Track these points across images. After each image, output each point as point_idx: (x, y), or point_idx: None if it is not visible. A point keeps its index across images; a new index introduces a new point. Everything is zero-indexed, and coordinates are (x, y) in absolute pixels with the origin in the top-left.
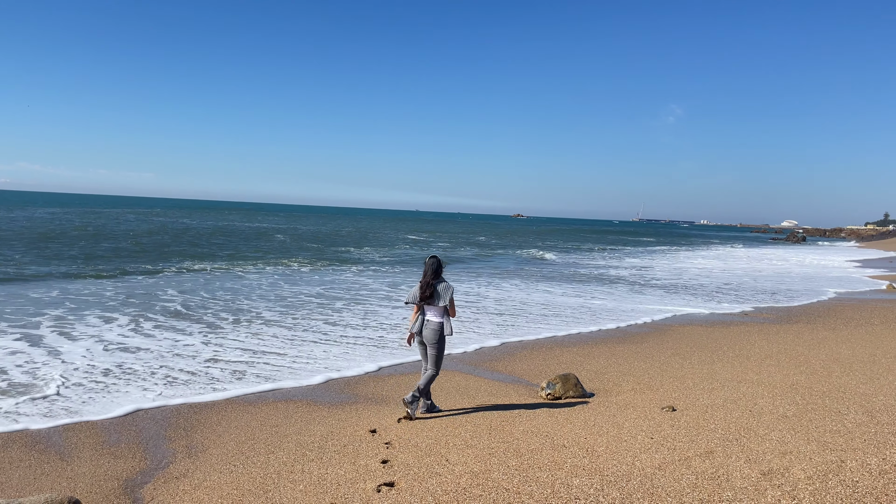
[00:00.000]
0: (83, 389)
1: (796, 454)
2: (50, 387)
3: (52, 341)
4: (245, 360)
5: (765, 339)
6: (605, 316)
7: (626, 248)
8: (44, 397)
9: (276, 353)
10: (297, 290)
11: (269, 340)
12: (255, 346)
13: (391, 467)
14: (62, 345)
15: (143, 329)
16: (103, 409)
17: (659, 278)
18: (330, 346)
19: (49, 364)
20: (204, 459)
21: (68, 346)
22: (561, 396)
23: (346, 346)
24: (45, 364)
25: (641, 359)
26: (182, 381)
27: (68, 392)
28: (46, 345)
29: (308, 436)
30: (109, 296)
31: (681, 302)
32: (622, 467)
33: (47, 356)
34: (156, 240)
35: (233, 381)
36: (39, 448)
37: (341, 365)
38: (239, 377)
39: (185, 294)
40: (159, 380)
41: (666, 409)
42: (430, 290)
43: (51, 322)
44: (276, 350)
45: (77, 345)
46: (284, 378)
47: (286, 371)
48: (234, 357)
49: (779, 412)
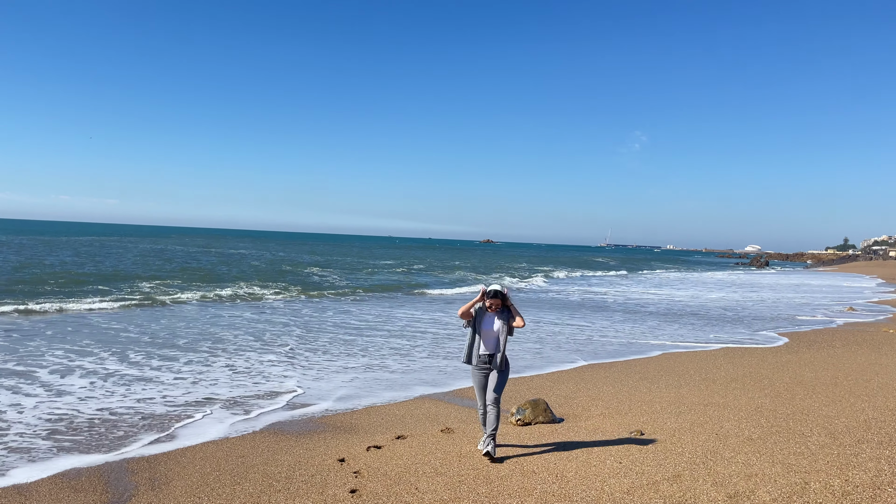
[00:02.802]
0: (40, 424)
1: (761, 476)
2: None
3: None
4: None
5: (730, 362)
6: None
7: (619, 273)
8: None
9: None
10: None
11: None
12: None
13: (360, 497)
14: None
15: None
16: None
17: (651, 302)
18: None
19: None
20: (168, 492)
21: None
22: (531, 422)
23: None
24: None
25: (610, 383)
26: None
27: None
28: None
29: (275, 466)
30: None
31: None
32: (591, 492)
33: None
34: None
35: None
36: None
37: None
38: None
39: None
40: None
41: (634, 433)
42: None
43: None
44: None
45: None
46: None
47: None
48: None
49: (744, 435)
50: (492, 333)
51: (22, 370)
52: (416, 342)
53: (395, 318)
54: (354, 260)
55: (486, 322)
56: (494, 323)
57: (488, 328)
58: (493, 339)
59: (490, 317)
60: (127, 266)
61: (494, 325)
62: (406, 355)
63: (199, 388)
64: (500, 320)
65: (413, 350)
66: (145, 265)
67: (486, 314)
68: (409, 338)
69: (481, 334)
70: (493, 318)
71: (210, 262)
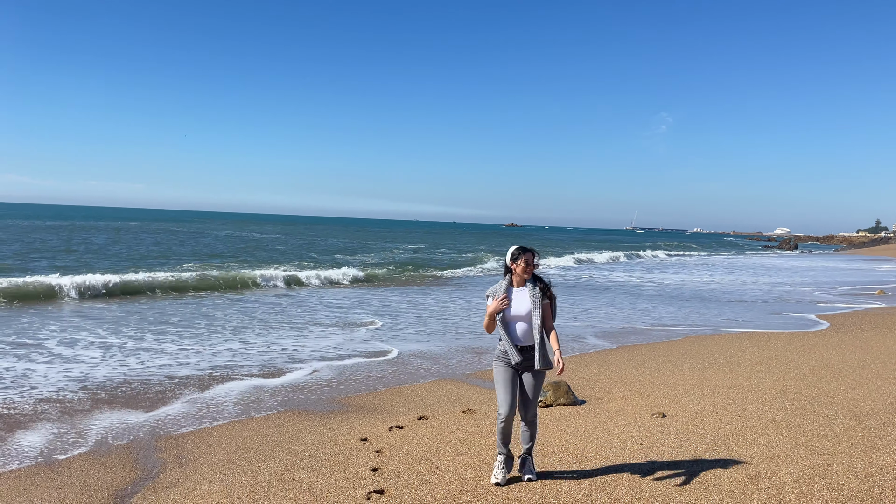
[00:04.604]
0: (86, 395)
1: (784, 458)
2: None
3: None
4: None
5: (755, 345)
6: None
7: (648, 256)
8: (38, 401)
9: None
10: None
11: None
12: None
13: (381, 475)
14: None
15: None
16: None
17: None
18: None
19: (37, 373)
20: (194, 469)
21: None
22: (552, 404)
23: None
24: (32, 373)
25: (633, 366)
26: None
27: (67, 399)
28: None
29: (299, 444)
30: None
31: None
32: (611, 472)
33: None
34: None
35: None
36: (28, 459)
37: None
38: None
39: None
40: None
41: (656, 415)
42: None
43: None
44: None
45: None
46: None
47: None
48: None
49: (767, 417)
50: (522, 316)
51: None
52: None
53: (422, 303)
54: (382, 244)
55: (514, 301)
56: (524, 301)
57: (517, 310)
58: (526, 325)
59: (518, 294)
60: (267, 250)
61: (524, 305)
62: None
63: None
64: (532, 296)
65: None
66: (289, 248)
67: (512, 290)
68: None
69: (508, 319)
70: (523, 293)
71: (300, 244)
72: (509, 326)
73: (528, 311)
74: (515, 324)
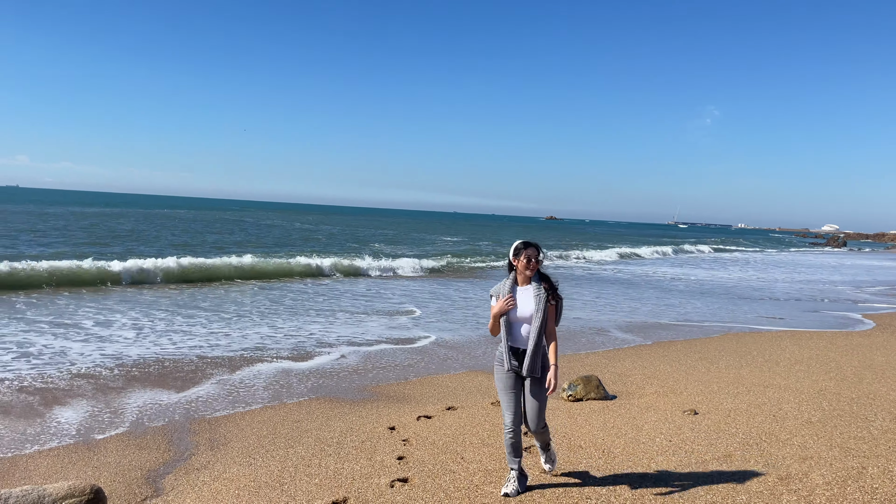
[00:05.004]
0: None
1: (817, 459)
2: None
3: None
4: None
5: (796, 344)
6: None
7: (693, 251)
8: (74, 376)
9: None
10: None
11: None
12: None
13: (406, 463)
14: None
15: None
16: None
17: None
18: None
19: (78, 352)
20: (225, 452)
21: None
22: (582, 398)
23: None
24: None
25: (667, 362)
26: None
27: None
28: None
29: (328, 431)
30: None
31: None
32: (637, 469)
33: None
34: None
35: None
36: (68, 437)
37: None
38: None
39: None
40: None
41: (688, 412)
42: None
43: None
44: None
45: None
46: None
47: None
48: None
49: (803, 417)
50: (527, 318)
51: None
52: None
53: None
54: (421, 236)
55: (520, 301)
56: (529, 301)
57: (522, 311)
58: (524, 327)
59: (523, 292)
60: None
61: (529, 305)
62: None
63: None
64: (536, 297)
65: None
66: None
67: (517, 289)
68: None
69: (513, 320)
70: (528, 293)
71: (350, 234)
72: (513, 328)
73: (529, 314)
74: (521, 325)
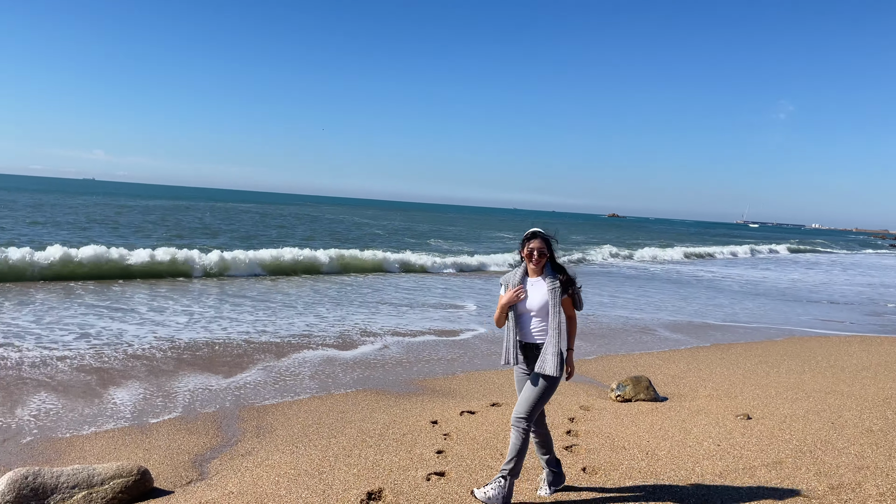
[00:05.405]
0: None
1: (873, 469)
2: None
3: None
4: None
5: (864, 350)
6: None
7: (766, 252)
8: (129, 356)
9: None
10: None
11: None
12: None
13: (445, 458)
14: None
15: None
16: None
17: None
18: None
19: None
20: (270, 440)
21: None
22: (631, 399)
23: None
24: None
25: (725, 365)
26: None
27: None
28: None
29: (371, 423)
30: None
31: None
32: (681, 472)
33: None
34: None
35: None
36: (123, 420)
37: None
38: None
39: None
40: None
41: (740, 416)
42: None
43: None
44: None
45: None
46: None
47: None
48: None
49: (864, 426)
50: (536, 310)
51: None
52: None
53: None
54: (485, 232)
55: (529, 292)
56: (540, 293)
57: (531, 302)
58: (540, 321)
59: (534, 284)
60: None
61: (539, 297)
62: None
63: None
64: (550, 290)
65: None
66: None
67: (528, 280)
68: None
69: (521, 312)
70: (539, 285)
71: (421, 231)
72: (521, 319)
73: (543, 305)
74: (529, 318)
